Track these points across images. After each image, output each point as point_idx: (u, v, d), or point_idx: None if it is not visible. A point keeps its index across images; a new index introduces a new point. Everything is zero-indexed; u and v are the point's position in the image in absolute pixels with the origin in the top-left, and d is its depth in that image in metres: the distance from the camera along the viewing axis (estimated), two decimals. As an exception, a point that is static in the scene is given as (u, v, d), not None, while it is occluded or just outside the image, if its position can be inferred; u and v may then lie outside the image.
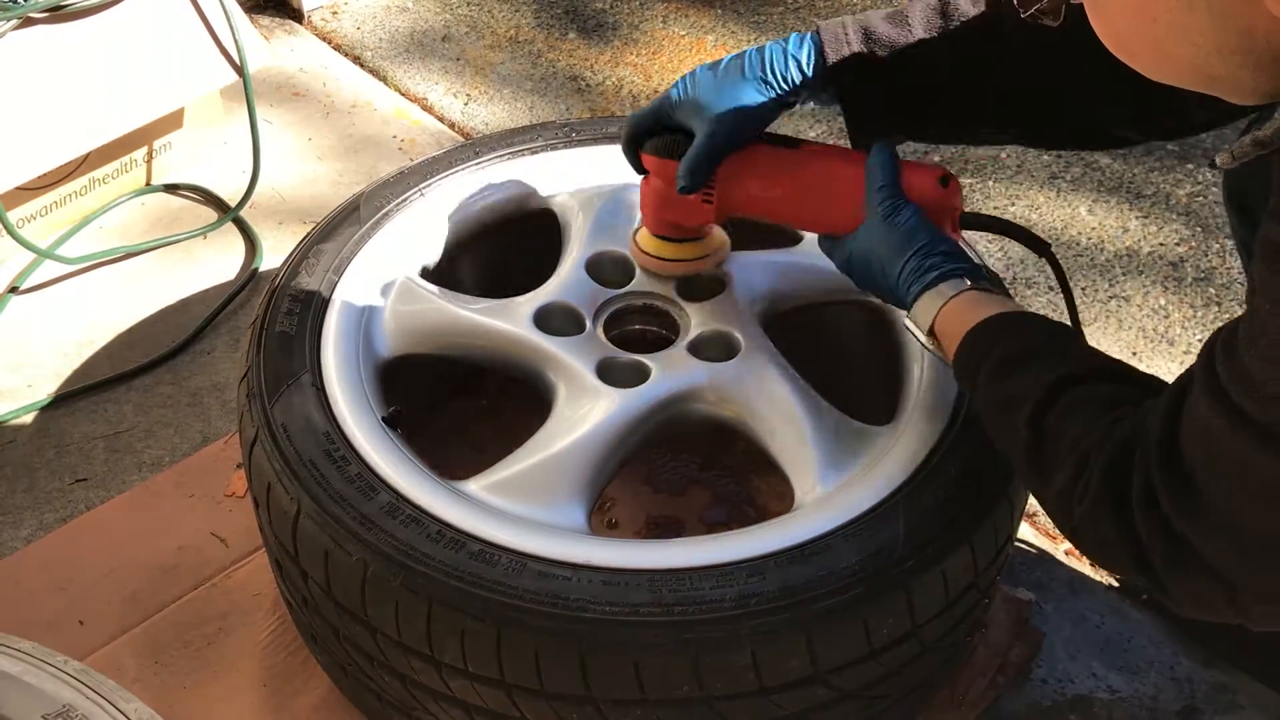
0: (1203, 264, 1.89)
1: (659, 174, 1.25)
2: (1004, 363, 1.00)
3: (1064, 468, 0.92)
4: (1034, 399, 0.95)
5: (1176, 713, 1.34)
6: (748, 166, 1.21)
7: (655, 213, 1.28)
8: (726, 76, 1.17)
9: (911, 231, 1.11)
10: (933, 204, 1.15)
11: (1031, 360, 0.99)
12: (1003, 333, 1.03)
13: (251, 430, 1.18)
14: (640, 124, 1.24)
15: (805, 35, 1.16)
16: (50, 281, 1.82)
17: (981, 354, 1.02)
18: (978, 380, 1.02)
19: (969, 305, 1.06)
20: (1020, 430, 0.95)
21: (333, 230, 1.36)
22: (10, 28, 1.70)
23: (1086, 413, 0.92)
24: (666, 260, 1.31)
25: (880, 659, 1.08)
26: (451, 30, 2.36)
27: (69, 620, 1.38)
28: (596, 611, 1.02)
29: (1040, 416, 0.94)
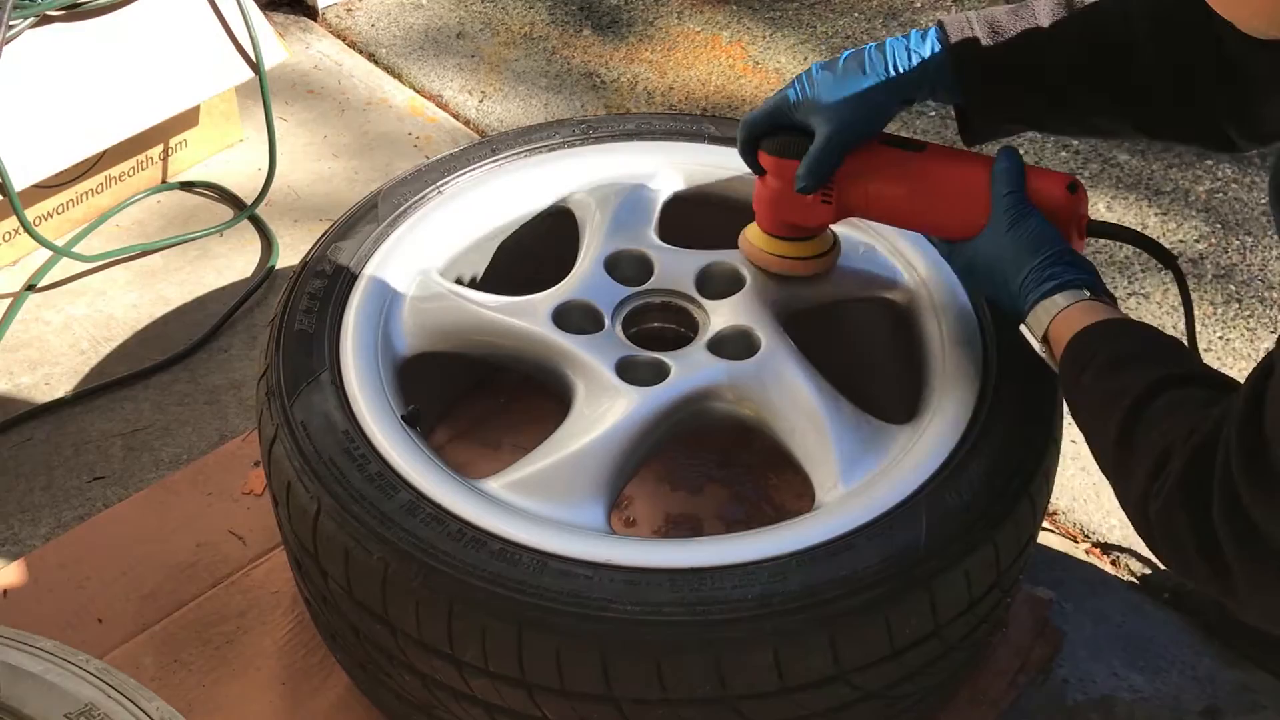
0: (1223, 261, 1.88)
1: (777, 174, 1.23)
2: (1110, 363, 0.99)
3: (1145, 465, 0.91)
4: (1132, 395, 0.94)
5: (1199, 712, 1.34)
6: (869, 167, 1.20)
7: (772, 213, 1.27)
8: (847, 74, 1.16)
9: (1037, 240, 1.10)
10: (1059, 211, 1.13)
11: (1137, 362, 0.98)
12: (1111, 335, 1.02)
13: (271, 429, 1.17)
14: (756, 124, 1.23)
15: (928, 30, 1.15)
16: (67, 279, 1.82)
17: (1088, 355, 1.01)
18: (1082, 380, 1.01)
19: (1082, 313, 1.05)
20: (1113, 422, 0.95)
21: (351, 228, 1.35)
22: (27, 26, 1.70)
23: (1179, 413, 0.91)
24: (783, 259, 1.29)
25: (902, 658, 1.08)
26: (466, 27, 2.36)
27: (88, 618, 1.38)
28: (618, 611, 1.02)
29: (1135, 413, 0.94)
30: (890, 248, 1.35)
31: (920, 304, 1.31)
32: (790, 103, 1.20)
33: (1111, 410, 0.96)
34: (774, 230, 1.29)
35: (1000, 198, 1.13)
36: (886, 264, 1.34)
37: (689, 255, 1.36)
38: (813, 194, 1.21)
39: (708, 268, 1.34)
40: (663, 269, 1.35)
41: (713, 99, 2.19)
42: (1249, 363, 1.73)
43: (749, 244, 1.31)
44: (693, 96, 2.20)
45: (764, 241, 1.29)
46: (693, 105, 2.18)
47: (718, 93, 2.21)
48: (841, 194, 1.22)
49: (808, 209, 1.24)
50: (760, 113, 1.23)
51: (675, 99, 2.19)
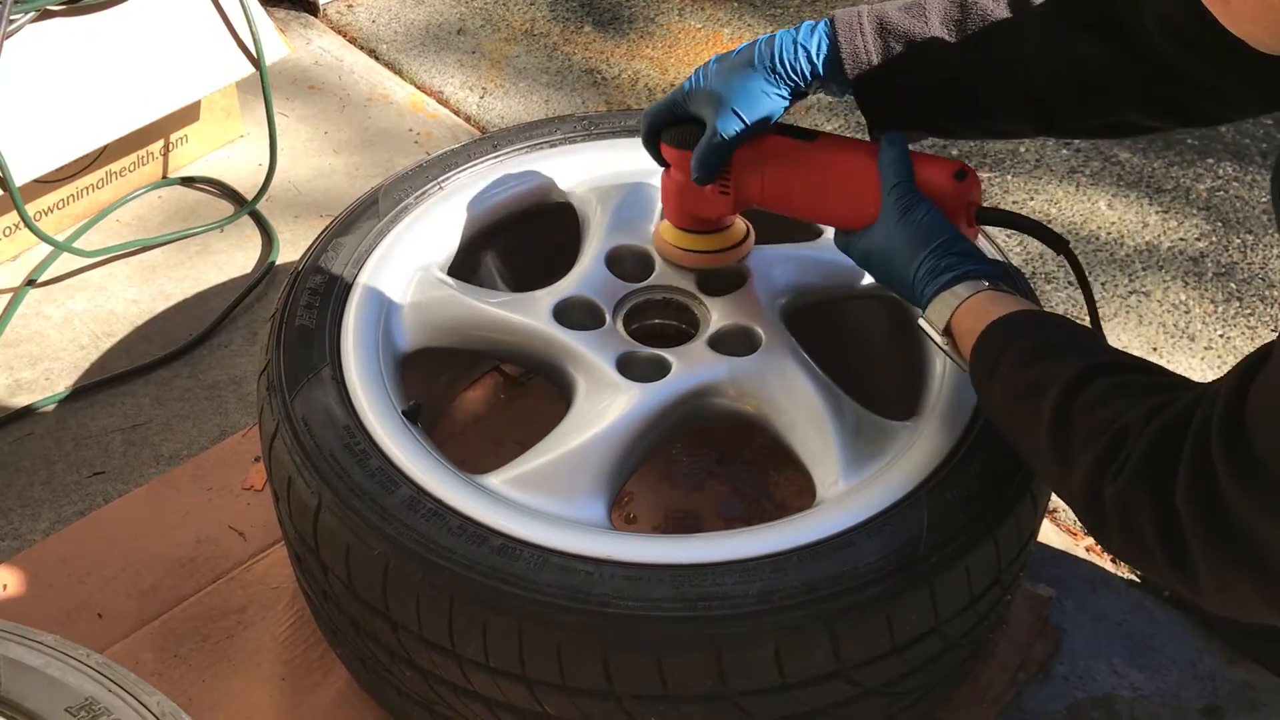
0: (1223, 259, 1.88)
1: (678, 165, 1.24)
2: (1028, 353, 0.98)
3: (1094, 448, 0.89)
4: (1061, 382, 0.93)
5: (1199, 710, 1.34)
6: (762, 157, 1.21)
7: (677, 205, 1.28)
8: (736, 67, 1.16)
9: (927, 230, 1.10)
10: (949, 198, 1.13)
11: (1058, 351, 0.97)
12: (1026, 327, 1.01)
13: (272, 424, 1.17)
14: (657, 115, 1.24)
15: (817, 25, 1.15)
16: (67, 274, 1.82)
17: (1002, 346, 1.00)
18: (996, 371, 1.00)
19: (987, 304, 1.04)
20: (1044, 413, 0.93)
21: (352, 223, 1.35)
22: (28, 20, 1.70)
23: (1122, 398, 0.90)
24: (689, 251, 1.30)
25: (903, 655, 1.08)
26: (467, 23, 2.36)
27: (88, 613, 1.38)
28: (619, 607, 1.02)
29: (1070, 396, 0.92)
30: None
31: (921, 301, 1.31)
32: (685, 92, 1.20)
33: (1039, 397, 0.94)
34: (680, 223, 1.29)
35: (889, 189, 1.13)
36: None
37: (690, 251, 1.36)
38: (709, 184, 1.21)
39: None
40: (664, 265, 1.34)
41: (714, 96, 2.19)
42: (1250, 361, 1.73)
43: (660, 239, 1.32)
44: (694, 93, 2.19)
45: (673, 236, 1.30)
46: (694, 102, 2.18)
47: (719, 90, 2.20)
48: (738, 184, 1.22)
49: (707, 200, 1.24)
50: (659, 104, 1.24)
51: (676, 96, 2.19)
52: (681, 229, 1.30)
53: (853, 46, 1.13)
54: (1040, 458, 0.97)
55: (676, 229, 1.30)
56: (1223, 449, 0.81)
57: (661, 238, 1.32)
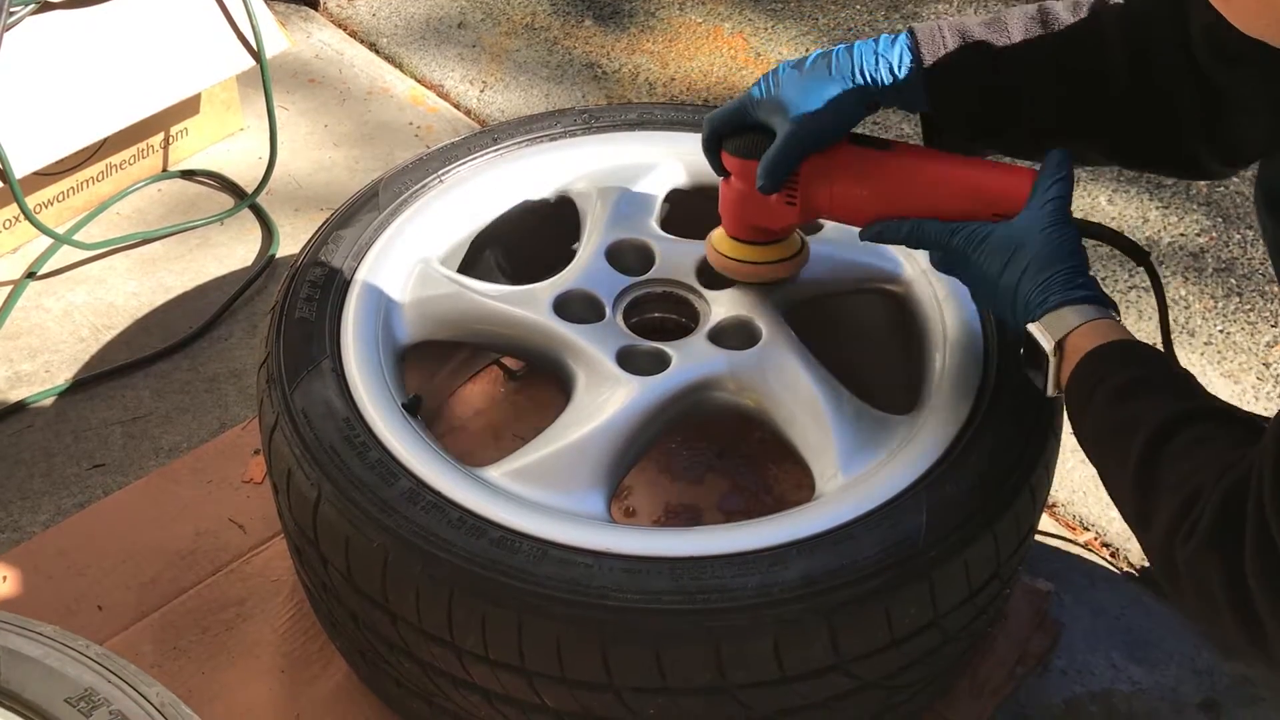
0: (1224, 254, 1.88)
1: (740, 175, 1.20)
2: (1124, 387, 0.97)
3: (1170, 506, 0.88)
4: (1151, 426, 0.92)
5: (1197, 704, 1.34)
6: (834, 166, 1.17)
7: (737, 215, 1.24)
8: (812, 75, 1.13)
9: (1072, 245, 1.07)
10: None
11: (1152, 390, 0.96)
12: (1126, 359, 1.00)
13: (271, 416, 1.17)
14: (720, 122, 1.20)
15: (898, 36, 1.13)
16: (67, 267, 1.82)
17: (1100, 375, 0.99)
18: (1091, 399, 0.98)
19: (1104, 331, 1.02)
20: (1130, 457, 0.92)
21: (352, 216, 1.35)
22: (28, 13, 1.69)
23: (1203, 452, 0.89)
24: (745, 263, 1.26)
25: (902, 648, 1.08)
26: (467, 17, 2.36)
27: (87, 605, 1.38)
28: (618, 599, 1.02)
29: (1154, 447, 0.91)
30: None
31: (921, 295, 1.31)
32: (754, 101, 1.17)
33: (1128, 439, 0.93)
34: (739, 234, 1.25)
35: (1051, 197, 1.09)
36: (888, 255, 1.34)
37: (690, 245, 1.36)
38: (775, 194, 1.18)
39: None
40: (664, 259, 1.34)
41: (714, 90, 2.19)
42: (1249, 356, 1.74)
43: (715, 251, 1.28)
44: (694, 88, 2.19)
45: (729, 247, 1.26)
46: (694, 96, 2.18)
47: (719, 84, 2.21)
48: (806, 195, 1.19)
49: (772, 210, 1.21)
50: (724, 110, 1.21)
51: (677, 90, 2.19)
52: (737, 239, 1.26)
53: (935, 57, 1.11)
54: (1124, 502, 0.96)
55: (732, 239, 1.26)
56: (1275, 506, 0.80)
57: (715, 249, 1.27)
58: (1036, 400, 1.18)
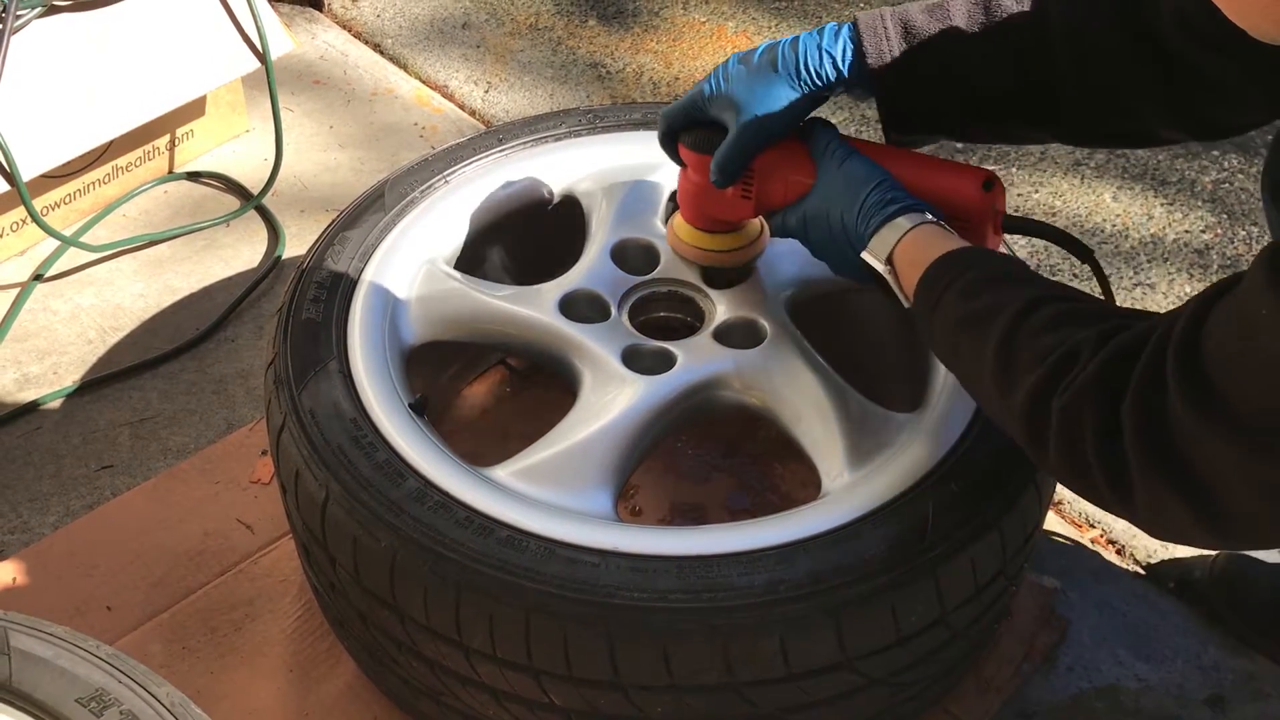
0: (1229, 251, 1.88)
1: (696, 168, 1.23)
2: (976, 283, 0.99)
3: (1042, 366, 0.90)
4: (1012, 308, 0.94)
5: (1203, 701, 1.34)
6: (785, 161, 1.19)
7: (696, 206, 1.27)
8: (759, 71, 1.15)
9: (866, 172, 1.11)
10: (976, 208, 1.13)
11: (1006, 281, 0.98)
12: (974, 260, 1.02)
13: (279, 417, 1.18)
14: (674, 117, 1.23)
15: (841, 28, 1.14)
16: (74, 269, 1.83)
17: (951, 277, 1.01)
18: (941, 299, 1.00)
19: (932, 237, 1.05)
20: (990, 337, 0.94)
21: (358, 217, 1.36)
22: (35, 16, 1.70)
23: (1072, 323, 0.91)
24: (705, 250, 1.29)
25: (908, 646, 1.08)
26: (471, 17, 2.36)
27: (96, 606, 1.39)
28: (625, 598, 1.02)
29: (1017, 323, 0.93)
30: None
31: (926, 293, 1.31)
32: (705, 96, 1.19)
33: (986, 323, 0.95)
34: (699, 224, 1.28)
35: (823, 147, 1.14)
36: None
37: (695, 244, 1.36)
38: (730, 188, 1.20)
39: (714, 257, 1.35)
40: (669, 258, 1.35)
41: (718, 89, 2.19)
42: (1254, 353, 1.73)
43: (675, 236, 1.30)
44: (698, 87, 2.20)
45: (688, 234, 1.29)
46: (698, 96, 2.18)
47: (723, 83, 2.21)
48: (761, 187, 1.20)
49: (728, 203, 1.23)
50: (678, 105, 1.22)
51: (681, 89, 2.19)
52: (698, 228, 1.29)
53: (878, 51, 1.12)
54: (982, 382, 0.98)
55: (692, 228, 1.29)
56: (1176, 367, 0.82)
57: (676, 235, 1.31)
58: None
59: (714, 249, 1.29)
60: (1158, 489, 0.85)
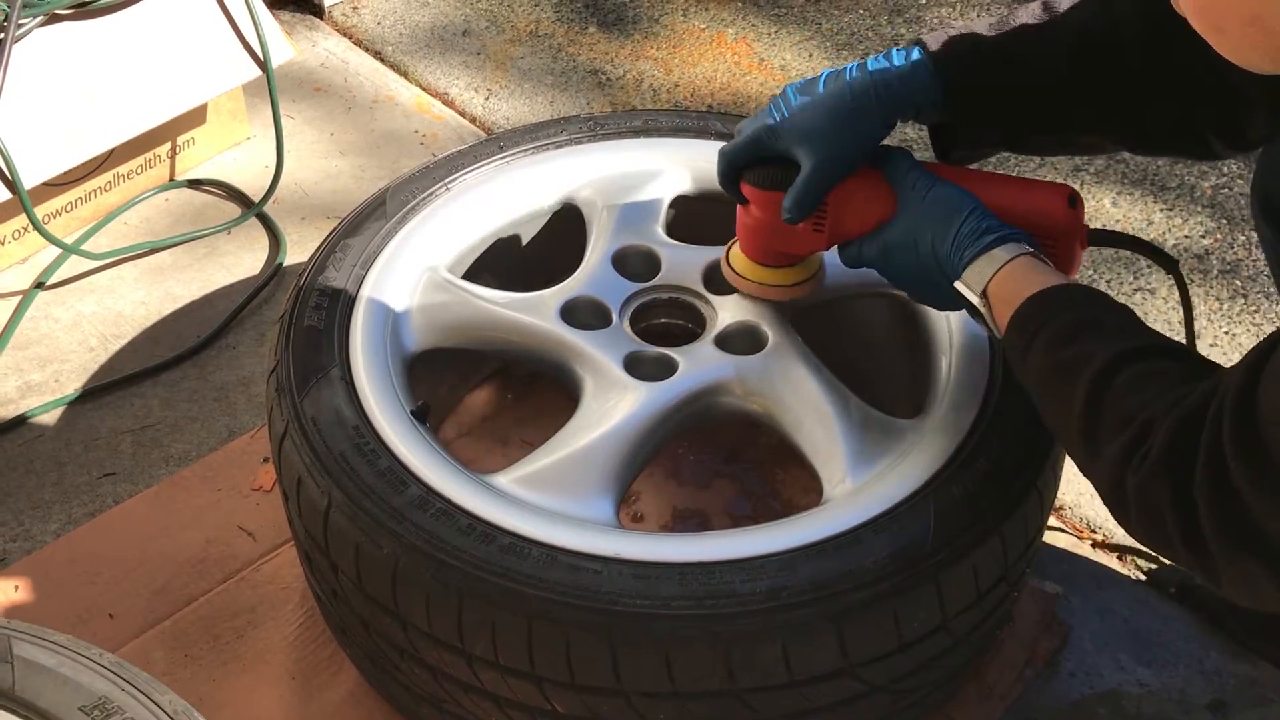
0: (1228, 256, 1.88)
1: (762, 206, 1.19)
2: (1068, 328, 0.97)
3: (1120, 437, 0.89)
4: (1099, 363, 0.93)
5: (1205, 706, 1.34)
6: (861, 192, 1.15)
7: (762, 244, 1.23)
8: (829, 98, 1.11)
9: (959, 200, 1.08)
10: (1064, 226, 1.11)
11: (1098, 329, 0.96)
12: (1069, 301, 1.00)
13: (281, 424, 1.18)
14: (737, 155, 1.18)
15: (911, 51, 1.11)
16: (76, 277, 1.83)
17: (1043, 319, 0.99)
18: (1033, 344, 0.99)
19: (1028, 271, 1.03)
20: (1078, 393, 0.93)
21: (359, 225, 1.36)
22: (36, 24, 1.70)
23: (1154, 385, 0.90)
24: (770, 286, 1.25)
25: (910, 652, 1.08)
26: (472, 24, 2.36)
27: (98, 613, 1.39)
28: (627, 604, 1.02)
29: (1103, 381, 0.92)
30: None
31: (927, 299, 1.31)
32: (771, 130, 1.15)
33: (1074, 377, 0.94)
34: (764, 260, 1.25)
35: (904, 174, 1.11)
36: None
37: (696, 251, 1.36)
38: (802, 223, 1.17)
39: (715, 263, 1.34)
40: (670, 265, 1.35)
41: (718, 96, 2.20)
42: (1255, 358, 1.74)
43: (734, 273, 1.26)
44: (698, 93, 2.20)
45: (751, 271, 1.25)
46: (699, 102, 2.18)
47: (723, 89, 2.21)
48: (834, 220, 1.17)
49: (798, 238, 1.19)
50: (741, 143, 1.18)
51: (681, 96, 2.20)
52: (760, 264, 1.25)
53: (956, 73, 1.10)
54: (1070, 438, 0.97)
55: (754, 264, 1.25)
56: (1234, 439, 0.81)
57: (736, 272, 1.26)
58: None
59: (779, 284, 1.25)
60: (1237, 561, 0.84)
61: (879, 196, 1.15)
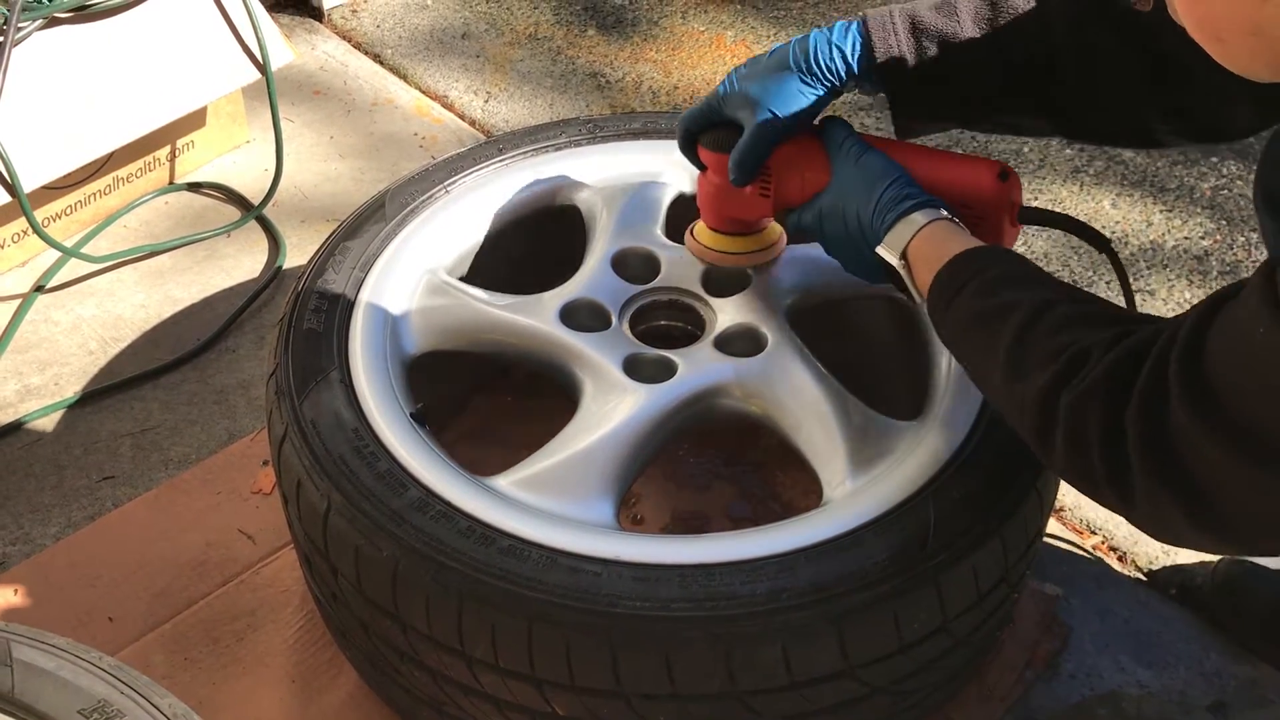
0: (1228, 257, 1.88)
1: (715, 169, 1.24)
2: (992, 282, 1.00)
3: (1052, 364, 0.91)
4: (1026, 307, 0.95)
5: (1206, 707, 1.34)
6: (801, 157, 1.20)
7: (715, 208, 1.27)
8: (771, 69, 1.17)
9: (882, 168, 1.12)
10: (992, 199, 1.14)
11: (1022, 282, 1.00)
12: (994, 258, 1.04)
13: (280, 427, 1.18)
14: (692, 120, 1.25)
15: (851, 25, 1.16)
16: (75, 280, 1.83)
17: (966, 276, 1.02)
18: (956, 299, 1.02)
19: (948, 234, 1.07)
20: (1004, 335, 0.95)
21: (358, 227, 1.36)
22: (36, 28, 1.70)
23: (1084, 325, 0.93)
24: (725, 254, 1.29)
25: (910, 653, 1.08)
26: (471, 27, 2.37)
27: (98, 617, 1.39)
28: (627, 607, 1.02)
29: (1029, 323, 0.95)
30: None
31: (926, 301, 1.31)
32: (720, 96, 1.21)
33: (1000, 321, 0.96)
34: (718, 226, 1.29)
35: (838, 144, 1.16)
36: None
37: (695, 253, 1.36)
38: (748, 186, 1.22)
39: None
40: (669, 267, 1.35)
41: (718, 98, 2.20)
42: (1255, 359, 1.74)
43: (695, 242, 1.31)
44: (697, 96, 2.20)
45: (709, 239, 1.30)
46: (698, 104, 2.18)
47: (723, 92, 2.21)
48: (778, 185, 1.22)
49: (747, 203, 1.24)
50: (695, 109, 1.24)
51: (680, 98, 2.20)
52: (718, 231, 1.29)
53: (886, 45, 1.14)
54: (992, 379, 0.99)
55: (712, 231, 1.29)
56: (1179, 373, 0.83)
57: (696, 240, 1.31)
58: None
59: (735, 251, 1.29)
60: (1157, 491, 0.86)
61: (819, 164, 1.19)
